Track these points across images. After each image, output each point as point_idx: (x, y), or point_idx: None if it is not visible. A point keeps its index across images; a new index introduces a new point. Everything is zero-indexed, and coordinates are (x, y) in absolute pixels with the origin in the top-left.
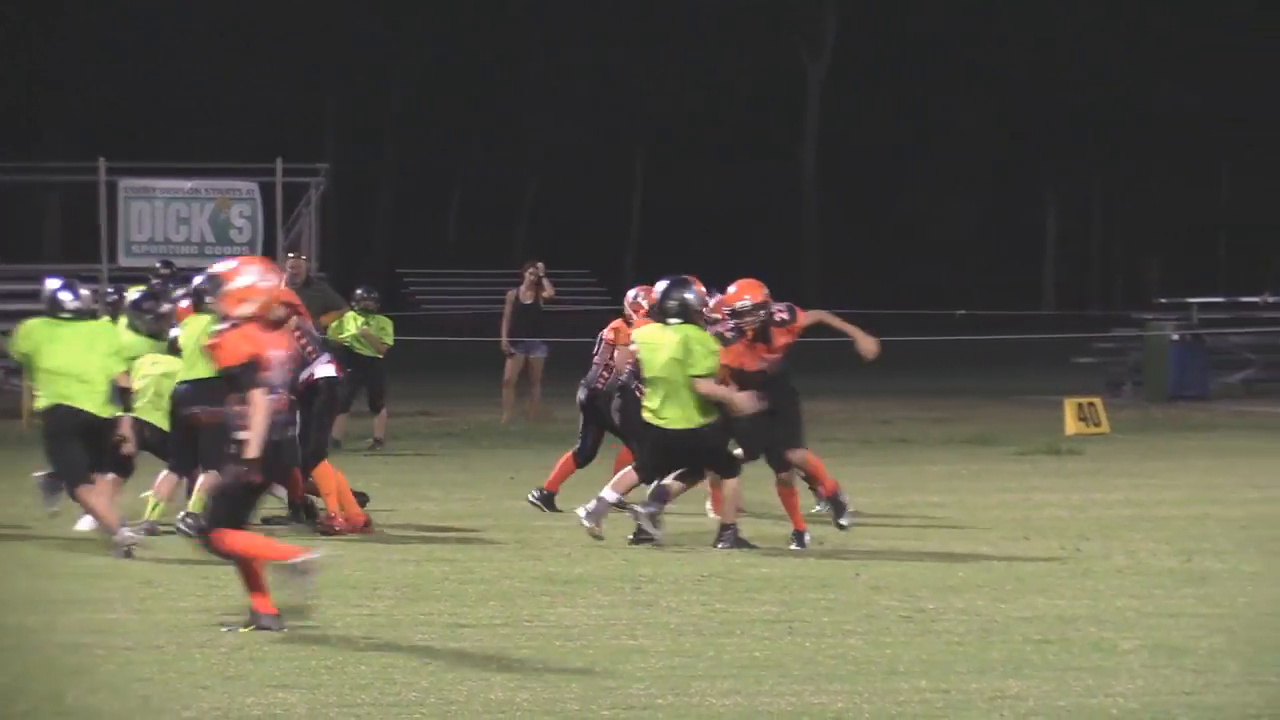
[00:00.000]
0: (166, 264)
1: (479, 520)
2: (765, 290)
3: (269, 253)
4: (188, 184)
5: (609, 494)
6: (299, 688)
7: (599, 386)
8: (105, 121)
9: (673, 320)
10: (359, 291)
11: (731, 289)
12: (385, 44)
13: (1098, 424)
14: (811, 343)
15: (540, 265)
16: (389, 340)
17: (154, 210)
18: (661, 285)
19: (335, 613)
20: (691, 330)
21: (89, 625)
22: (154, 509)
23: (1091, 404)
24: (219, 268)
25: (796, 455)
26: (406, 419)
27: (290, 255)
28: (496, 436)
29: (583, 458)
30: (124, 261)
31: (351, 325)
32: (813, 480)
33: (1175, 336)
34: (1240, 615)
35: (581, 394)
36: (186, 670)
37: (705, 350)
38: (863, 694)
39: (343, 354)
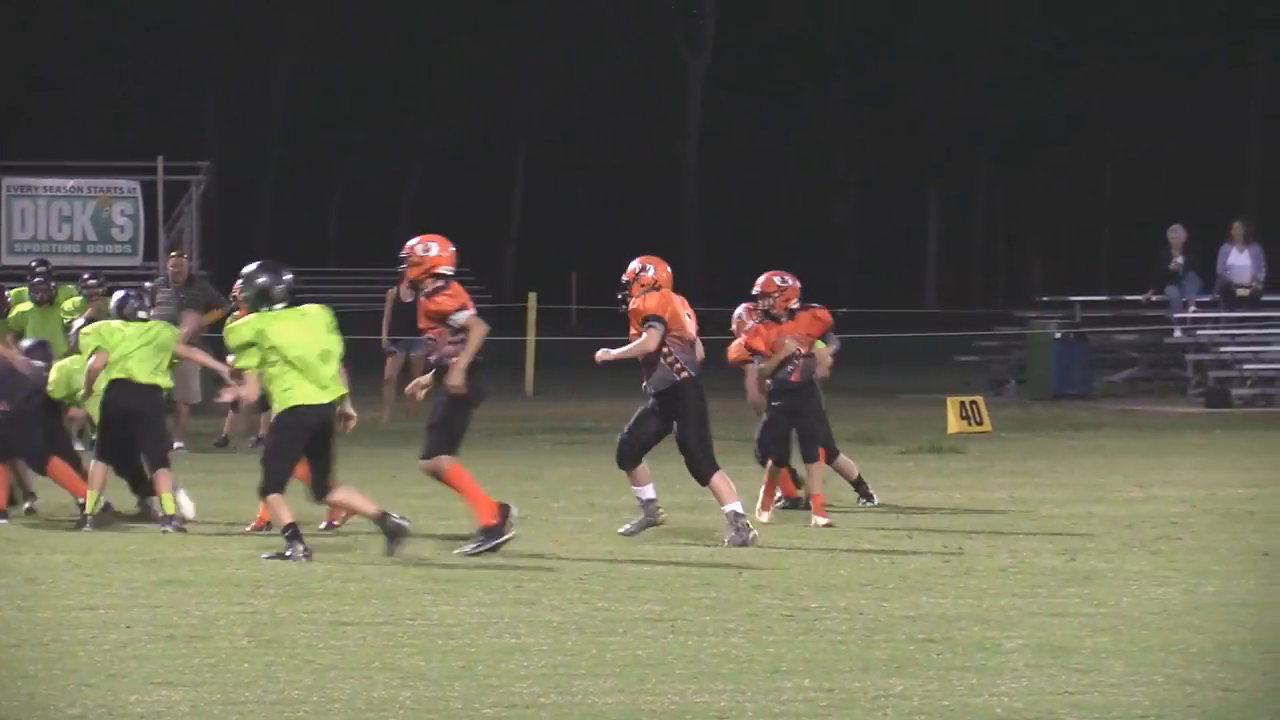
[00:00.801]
0: (42, 262)
1: (360, 519)
2: (772, 282)
3: (150, 251)
4: (69, 182)
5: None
6: (182, 685)
7: None
8: None
9: None
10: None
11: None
12: (264, 36)
13: (980, 423)
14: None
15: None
16: None
17: (36, 209)
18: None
19: (218, 610)
20: None
21: None
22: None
23: (974, 402)
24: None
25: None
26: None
27: (172, 254)
28: (377, 435)
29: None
30: (6, 260)
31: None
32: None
33: (1058, 335)
34: (1125, 614)
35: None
36: (70, 667)
37: None
38: (746, 693)
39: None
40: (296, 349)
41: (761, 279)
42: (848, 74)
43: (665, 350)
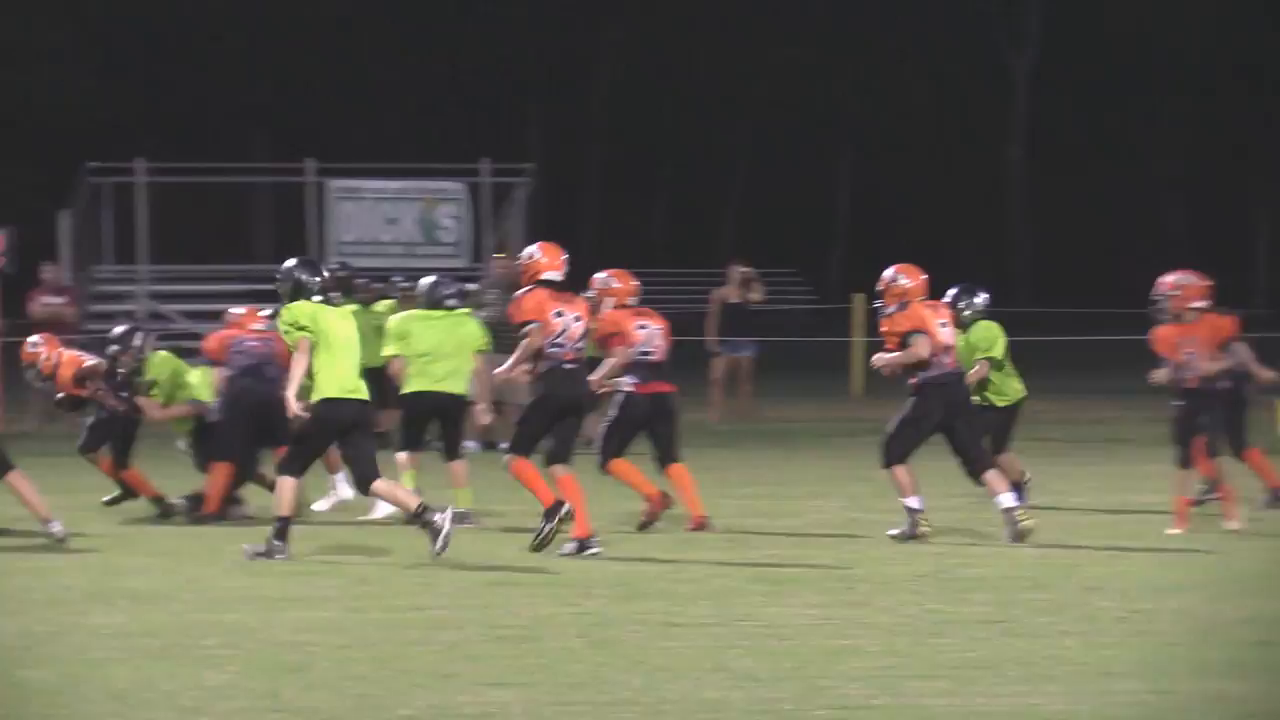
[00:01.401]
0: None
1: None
2: (894, 278)
3: (476, 253)
4: (395, 185)
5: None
6: (513, 686)
7: None
8: (314, 123)
9: None
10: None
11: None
12: (585, 41)
13: None
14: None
15: (748, 268)
16: None
17: (362, 211)
18: None
19: (549, 611)
20: None
21: (305, 623)
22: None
23: None
24: None
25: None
26: None
27: (497, 256)
28: (706, 436)
29: None
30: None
31: None
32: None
33: None
34: None
35: None
36: (402, 668)
37: None
38: (1079, 695)
39: None
40: (339, 340)
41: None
42: (1180, 81)
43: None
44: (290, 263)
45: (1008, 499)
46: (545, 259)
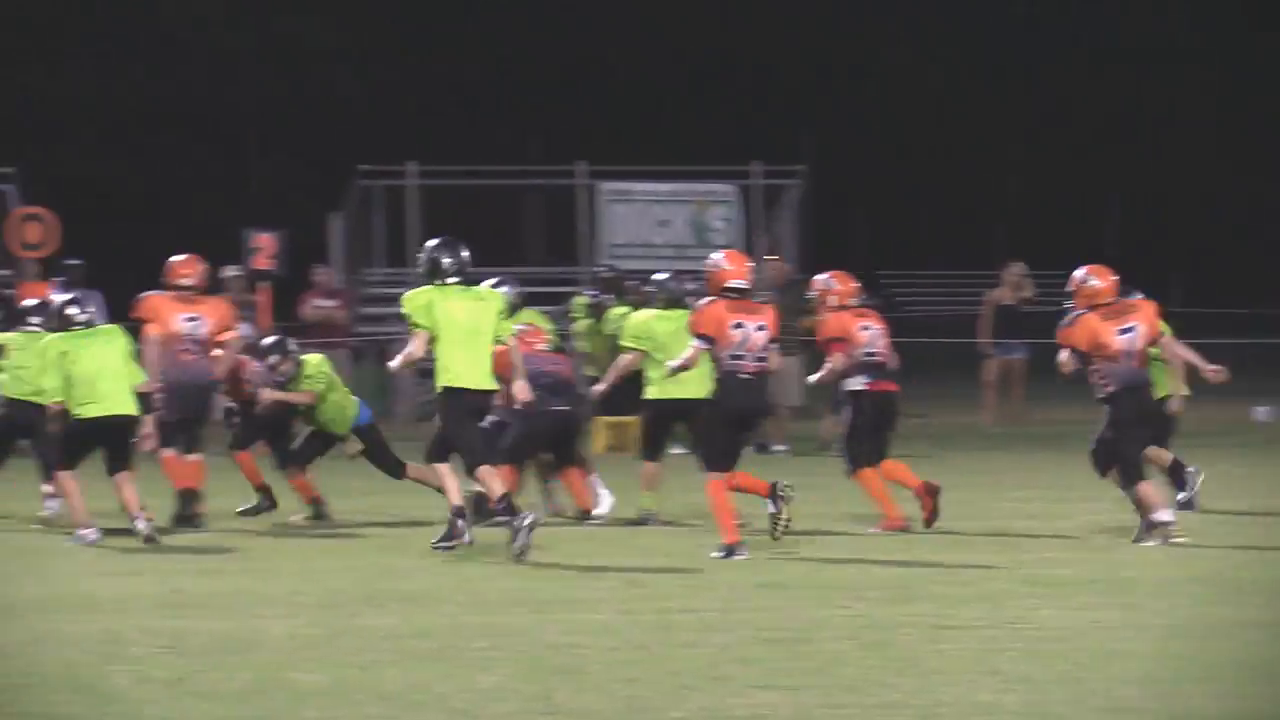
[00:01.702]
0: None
1: (962, 522)
2: (1085, 279)
3: (747, 255)
4: (666, 187)
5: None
6: (784, 689)
7: None
8: (585, 125)
9: None
10: None
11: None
12: (859, 44)
13: None
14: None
15: (1021, 265)
16: None
17: (633, 213)
18: None
19: (820, 614)
20: None
21: (576, 625)
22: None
23: None
24: None
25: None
26: None
27: (769, 258)
28: (977, 438)
29: None
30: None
31: None
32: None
33: None
34: None
35: None
36: (673, 670)
37: None
38: None
39: None
40: (455, 327)
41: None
42: None
43: (1094, 367)
44: (431, 243)
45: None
46: (730, 267)
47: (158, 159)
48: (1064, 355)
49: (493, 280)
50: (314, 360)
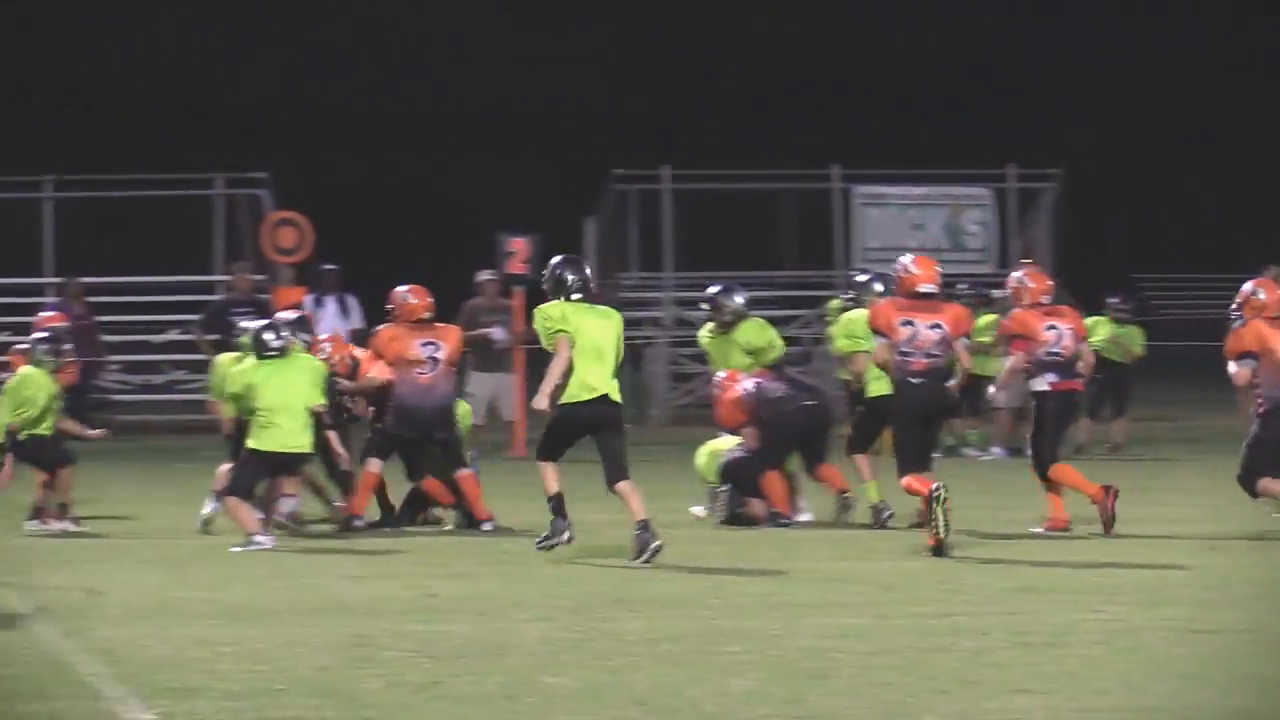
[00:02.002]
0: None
1: (1219, 525)
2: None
3: (1002, 259)
4: (921, 190)
5: None
6: (1037, 692)
7: None
8: (839, 128)
9: None
10: (1113, 300)
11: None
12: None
13: None
14: None
15: (1277, 269)
16: (1138, 349)
17: (888, 217)
18: None
19: (1072, 617)
20: None
21: (829, 629)
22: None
23: None
24: None
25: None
26: (1145, 425)
27: (1024, 261)
28: (1238, 442)
29: None
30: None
31: (1103, 330)
32: None
33: None
34: None
35: None
36: (926, 674)
37: None
38: None
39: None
40: (587, 340)
41: None
42: None
43: (1255, 380)
44: (555, 260)
45: None
46: (919, 272)
47: (411, 163)
48: (1233, 367)
49: (715, 288)
50: None
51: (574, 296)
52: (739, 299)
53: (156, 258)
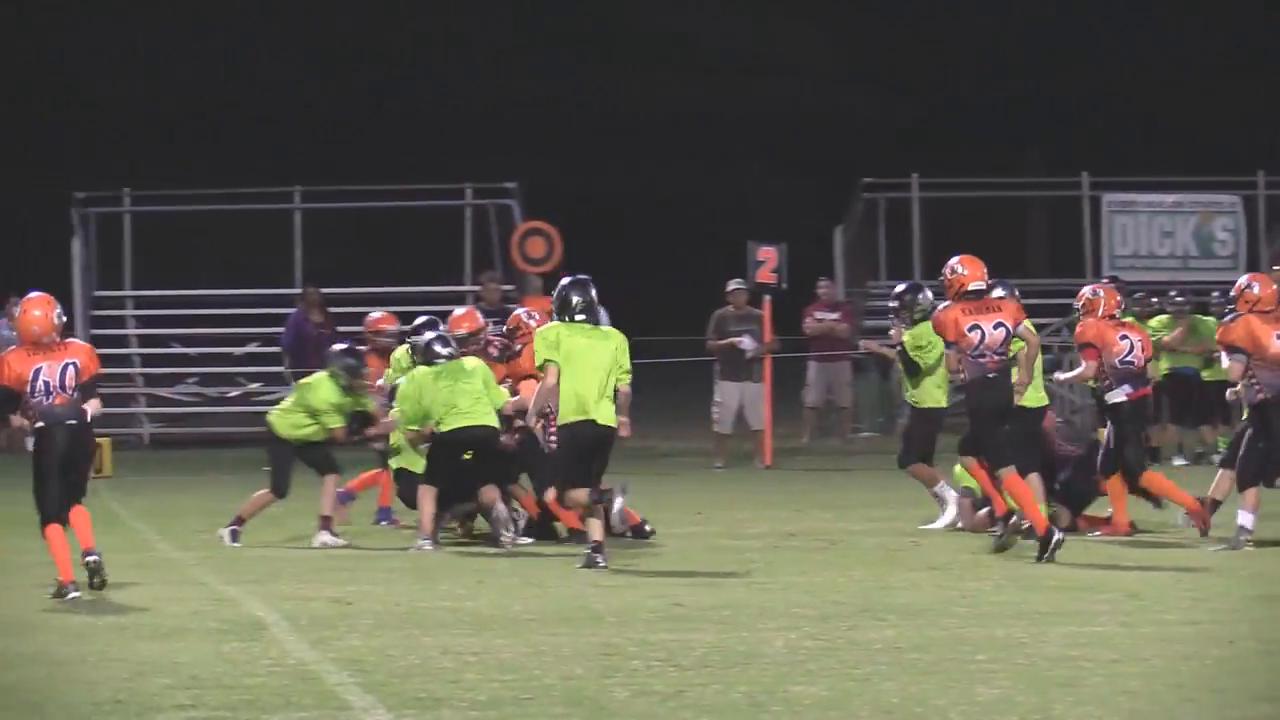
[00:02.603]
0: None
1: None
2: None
3: (1252, 266)
4: (1170, 198)
5: None
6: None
7: None
8: (1087, 136)
9: None
10: None
11: None
12: None
13: None
14: None
15: None
16: None
17: (1137, 224)
18: None
19: None
20: None
21: (1076, 638)
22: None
23: None
24: None
25: None
26: None
27: (1277, 268)
28: None
29: None
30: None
31: None
32: None
33: None
34: None
35: None
36: (1173, 683)
37: None
38: None
39: None
40: (582, 362)
41: None
42: None
43: (1249, 373)
44: (564, 281)
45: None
46: (966, 271)
47: (662, 171)
48: (1225, 360)
49: (901, 286)
50: None
51: (578, 318)
52: (926, 296)
53: (406, 268)
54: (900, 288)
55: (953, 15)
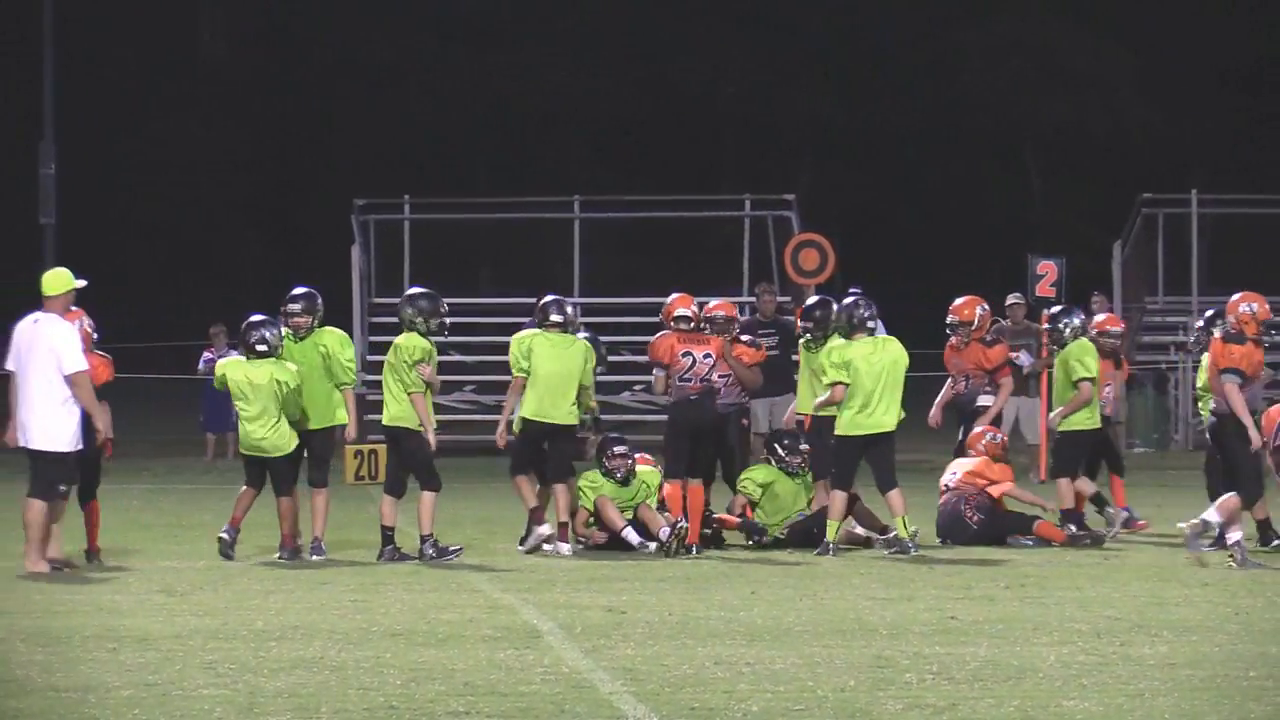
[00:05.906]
0: None
1: None
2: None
3: None
4: None
5: None
6: None
7: None
8: None
9: None
10: None
11: None
12: None
13: None
14: None
15: None
16: None
17: None
18: None
19: None
20: None
21: None
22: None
23: None
24: None
25: None
26: None
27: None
28: None
29: None
30: None
31: None
32: None
33: None
34: None
35: None
36: None
37: None
38: None
39: None
40: (545, 369)
41: None
42: None
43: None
44: (548, 297)
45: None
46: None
47: (937, 185)
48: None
49: (1054, 309)
50: None
51: (551, 329)
52: (1076, 320)
53: (684, 278)
54: (1052, 311)
55: (1233, 31)
